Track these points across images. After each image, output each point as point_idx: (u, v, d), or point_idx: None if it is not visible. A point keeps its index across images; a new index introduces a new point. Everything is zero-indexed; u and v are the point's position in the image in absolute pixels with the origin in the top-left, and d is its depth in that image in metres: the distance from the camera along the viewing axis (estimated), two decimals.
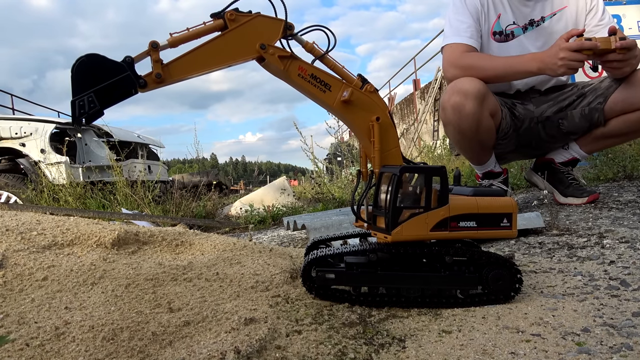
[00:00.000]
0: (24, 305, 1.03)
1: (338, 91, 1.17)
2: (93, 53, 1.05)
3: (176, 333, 0.97)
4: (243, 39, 1.12)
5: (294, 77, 1.15)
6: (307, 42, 1.19)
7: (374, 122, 1.17)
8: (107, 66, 1.04)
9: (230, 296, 1.16)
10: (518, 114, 2.40)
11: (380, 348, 0.94)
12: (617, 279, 1.25)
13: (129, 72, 1.05)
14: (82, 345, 0.89)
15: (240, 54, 1.13)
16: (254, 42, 1.12)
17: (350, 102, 1.17)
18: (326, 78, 1.17)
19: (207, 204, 4.68)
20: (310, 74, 1.16)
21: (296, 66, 1.15)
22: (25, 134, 4.64)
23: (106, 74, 1.04)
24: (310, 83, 1.16)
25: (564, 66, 1.98)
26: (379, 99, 1.20)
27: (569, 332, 0.94)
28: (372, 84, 1.19)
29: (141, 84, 1.07)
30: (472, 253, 1.16)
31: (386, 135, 1.19)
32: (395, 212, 1.12)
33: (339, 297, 1.17)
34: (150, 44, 1.06)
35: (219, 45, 1.11)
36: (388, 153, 1.19)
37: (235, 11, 1.11)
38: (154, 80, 1.07)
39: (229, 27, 1.11)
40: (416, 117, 13.19)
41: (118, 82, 1.04)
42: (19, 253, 1.24)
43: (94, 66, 1.04)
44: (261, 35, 1.13)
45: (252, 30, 1.12)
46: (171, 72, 1.09)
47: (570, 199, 2.53)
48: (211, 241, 1.58)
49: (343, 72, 1.20)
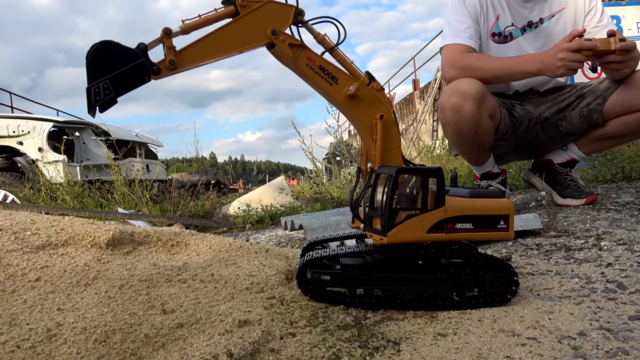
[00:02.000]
0: (16, 306, 1.02)
1: (345, 85, 1.17)
2: (107, 40, 1.04)
3: (169, 335, 0.96)
4: (254, 25, 1.12)
5: (302, 67, 1.15)
6: (318, 32, 1.19)
7: (378, 120, 1.17)
8: (121, 53, 1.04)
9: (225, 298, 1.16)
10: (517, 115, 2.40)
11: (375, 351, 0.93)
12: (614, 282, 1.24)
13: (143, 59, 1.05)
14: (73, 347, 0.88)
15: (252, 40, 1.13)
16: (265, 28, 1.12)
17: (355, 97, 1.17)
18: (334, 71, 1.17)
19: (205, 203, 4.67)
20: (319, 65, 1.16)
21: (305, 56, 1.15)
22: (23, 132, 4.62)
23: (120, 61, 1.03)
24: (318, 74, 1.16)
25: (563, 67, 1.97)
26: (385, 98, 1.20)
27: (565, 336, 0.93)
28: (379, 82, 1.19)
29: (155, 71, 1.06)
30: (468, 255, 1.15)
31: (389, 134, 1.19)
32: (391, 214, 1.11)
33: (334, 299, 1.16)
34: (163, 31, 1.06)
35: (231, 32, 1.11)
36: (389, 152, 1.19)
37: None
38: (167, 67, 1.07)
39: (240, 13, 1.11)
40: (415, 117, 13.18)
41: (132, 68, 1.04)
42: (12, 253, 1.23)
43: (108, 53, 1.03)
44: (272, 21, 1.13)
45: (263, 16, 1.12)
46: (184, 58, 1.09)
47: (568, 200, 2.52)
48: (207, 242, 1.57)
49: (351, 67, 1.20)
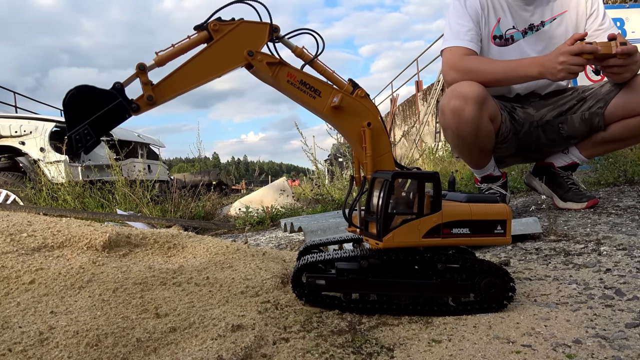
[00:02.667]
0: (9, 309, 1.02)
1: (328, 97, 1.15)
2: (82, 85, 1.04)
3: (161, 339, 0.95)
4: (229, 48, 1.10)
5: (282, 84, 1.13)
6: (296, 46, 1.17)
7: (365, 128, 1.15)
8: (97, 96, 1.03)
9: (219, 301, 1.15)
10: (518, 118, 2.38)
11: (368, 357, 0.92)
12: (612, 288, 1.23)
13: (121, 99, 1.04)
14: (65, 351, 0.88)
15: (229, 64, 1.11)
16: (240, 50, 1.10)
17: (340, 108, 1.15)
18: (316, 84, 1.15)
19: (207, 204, 4.67)
20: (300, 80, 1.14)
21: (285, 72, 1.13)
22: (25, 133, 4.63)
23: (98, 104, 1.03)
24: (300, 89, 1.14)
25: (563, 70, 1.96)
26: (370, 104, 1.18)
27: (560, 344, 0.92)
28: (363, 89, 1.17)
29: (134, 109, 1.06)
30: (464, 260, 1.14)
31: (378, 141, 1.17)
32: (387, 218, 1.10)
33: (329, 304, 1.16)
34: (137, 67, 1.05)
35: (206, 58, 1.09)
36: (380, 158, 1.18)
37: (218, 21, 1.09)
38: (146, 102, 1.06)
39: (214, 37, 1.09)
40: (418, 118, 13.16)
41: (111, 110, 1.04)
42: (7, 255, 1.23)
43: (84, 97, 1.03)
44: (247, 41, 1.11)
45: (237, 38, 1.10)
46: (162, 92, 1.08)
47: (569, 203, 2.51)
48: (204, 244, 1.57)
49: (333, 76, 1.18)
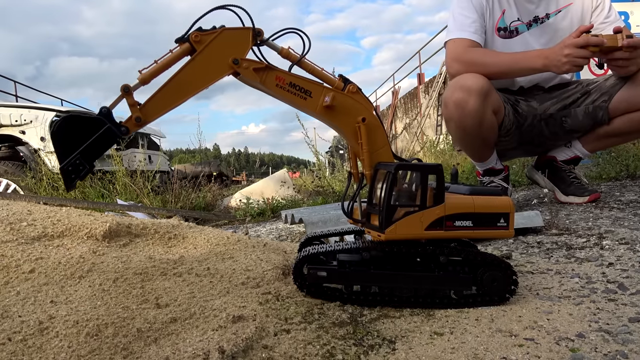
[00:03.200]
0: (8, 298, 1.02)
1: (319, 96, 1.12)
2: (68, 114, 1.02)
3: (162, 330, 0.95)
4: (213, 58, 1.06)
5: (272, 88, 1.10)
6: (282, 47, 1.13)
7: (360, 124, 1.13)
8: (85, 124, 1.02)
9: (220, 292, 1.15)
10: (521, 111, 2.37)
11: (370, 349, 0.92)
12: (615, 282, 1.22)
13: (109, 125, 1.02)
14: (65, 341, 0.88)
15: (214, 75, 1.08)
16: (225, 59, 1.07)
17: (333, 107, 1.12)
18: (305, 84, 1.12)
19: (207, 195, 4.66)
20: (289, 83, 1.10)
21: (273, 76, 1.10)
22: (26, 122, 4.62)
23: (86, 132, 1.01)
24: (290, 92, 1.11)
25: (568, 63, 1.94)
26: (363, 99, 1.15)
27: (563, 338, 0.92)
28: (355, 84, 1.14)
29: (123, 132, 1.04)
30: (467, 253, 1.14)
31: (374, 135, 1.15)
32: (390, 210, 1.09)
33: (331, 296, 1.15)
34: (122, 89, 1.03)
35: (190, 71, 1.06)
36: (377, 153, 1.16)
37: (198, 31, 1.05)
38: (134, 124, 1.05)
39: (197, 49, 1.05)
40: (420, 111, 13.12)
41: (100, 137, 1.02)
42: (7, 244, 1.23)
43: (72, 127, 1.01)
44: (231, 49, 1.07)
45: (220, 47, 1.06)
46: (149, 112, 1.05)
47: (571, 197, 2.50)
48: (205, 235, 1.56)
49: (323, 74, 1.15)
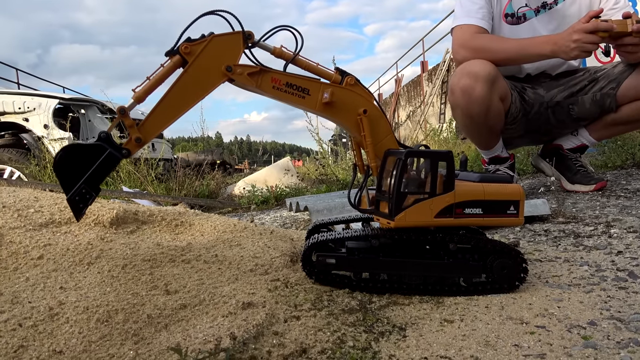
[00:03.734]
0: (18, 284, 1.02)
1: (318, 93, 1.10)
2: (67, 145, 1.02)
3: (172, 316, 0.95)
4: (206, 68, 1.04)
5: (268, 91, 1.08)
6: (274, 47, 1.11)
7: (362, 115, 1.11)
8: (85, 152, 1.01)
9: (229, 279, 1.14)
10: (528, 99, 2.35)
11: (380, 336, 0.92)
12: (625, 270, 1.22)
13: (110, 149, 1.02)
14: (75, 326, 0.88)
15: (209, 85, 1.06)
16: (218, 68, 1.05)
17: (332, 103, 1.11)
18: (302, 83, 1.10)
19: (211, 183, 4.66)
20: (285, 83, 1.08)
21: (269, 79, 1.08)
22: (29, 109, 4.60)
23: (88, 160, 1.00)
24: (287, 92, 1.09)
25: (577, 48, 1.92)
26: (362, 90, 1.14)
27: (575, 325, 0.92)
28: (353, 76, 1.12)
29: (125, 155, 1.04)
30: (476, 241, 1.13)
31: (376, 126, 1.14)
32: (400, 198, 1.09)
33: (340, 283, 1.15)
34: (118, 111, 1.02)
35: (184, 85, 1.04)
36: (381, 143, 1.15)
37: (188, 42, 1.03)
38: (135, 145, 1.04)
39: (188, 60, 1.03)
40: (423, 99, 13.06)
41: (102, 162, 1.01)
42: (15, 230, 1.22)
43: (73, 158, 1.01)
44: (223, 57, 1.05)
45: (212, 56, 1.04)
46: (148, 131, 1.04)
47: (577, 186, 2.49)
48: (211, 222, 1.56)
49: (319, 69, 1.13)
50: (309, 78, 1.11)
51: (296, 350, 0.84)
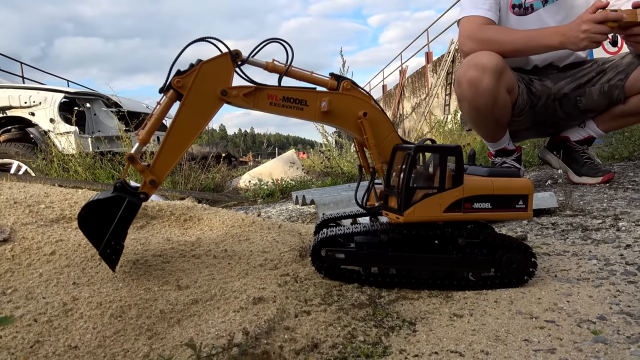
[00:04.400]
0: (32, 280, 1.03)
1: (315, 103, 1.10)
2: (87, 203, 1.04)
3: (184, 311, 0.96)
4: (201, 98, 1.04)
5: (266, 108, 1.08)
6: (267, 62, 1.12)
7: (362, 119, 1.12)
8: (106, 206, 1.03)
9: (239, 274, 1.15)
10: (535, 91, 2.34)
11: (390, 331, 0.92)
12: (634, 264, 1.22)
13: (128, 198, 1.03)
14: (90, 322, 0.89)
15: (207, 113, 1.06)
16: (213, 95, 1.05)
17: (331, 111, 1.11)
18: (299, 95, 1.10)
19: (216, 176, 4.67)
20: (282, 97, 1.09)
21: (265, 96, 1.08)
22: (35, 103, 4.62)
23: (110, 213, 1.02)
24: (285, 107, 1.09)
25: (586, 39, 1.90)
26: (360, 93, 1.14)
27: (585, 320, 0.92)
28: (349, 80, 1.12)
29: (143, 199, 1.06)
30: (485, 235, 1.13)
31: (378, 127, 1.14)
32: (409, 193, 1.09)
33: (349, 277, 1.16)
34: (127, 159, 1.03)
35: (183, 119, 1.04)
36: (384, 144, 1.16)
37: (178, 75, 1.03)
38: (150, 187, 1.05)
39: (183, 94, 1.03)
40: (428, 91, 12.99)
41: (123, 212, 1.03)
42: (27, 226, 1.24)
43: (94, 214, 1.03)
44: (215, 82, 1.04)
45: (204, 84, 1.04)
46: (160, 171, 1.05)
47: (584, 178, 2.48)
48: (219, 216, 1.57)
49: (313, 77, 1.14)
50: (305, 89, 1.12)
51: (307, 345, 0.85)
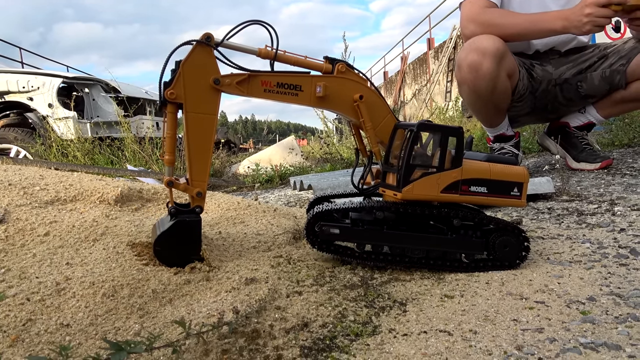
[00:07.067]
0: (25, 260, 1.03)
1: (310, 87, 1.09)
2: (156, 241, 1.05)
3: (176, 291, 0.96)
4: (197, 98, 1.02)
5: (261, 95, 1.07)
6: (259, 49, 1.09)
7: (359, 102, 1.11)
8: (172, 234, 1.04)
9: (232, 255, 1.16)
10: (536, 76, 2.32)
11: (381, 311, 0.93)
12: (627, 247, 1.22)
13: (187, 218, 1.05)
14: (82, 301, 0.89)
15: (212, 107, 1.04)
16: (206, 89, 1.03)
17: (327, 95, 1.10)
18: (293, 80, 1.08)
19: (215, 162, 4.67)
20: (276, 83, 1.07)
21: (258, 82, 1.06)
22: (33, 88, 4.60)
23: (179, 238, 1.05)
24: (280, 93, 1.08)
25: (590, 23, 1.88)
26: (355, 76, 1.13)
27: (574, 301, 0.92)
28: (344, 62, 1.11)
29: (199, 211, 1.07)
30: (480, 218, 1.13)
31: (374, 110, 1.14)
32: (408, 170, 1.09)
33: (342, 253, 1.15)
34: (166, 183, 1.04)
35: (194, 123, 1.03)
36: (380, 127, 1.15)
37: (168, 87, 1.00)
38: (199, 199, 1.06)
39: (180, 101, 1.02)
40: (429, 77, 12.92)
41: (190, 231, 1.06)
42: (21, 208, 1.24)
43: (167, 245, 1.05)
44: (203, 74, 1.02)
45: (194, 81, 1.02)
46: (200, 180, 1.06)
47: (582, 164, 2.47)
48: (215, 200, 1.57)
49: (307, 62, 1.12)
50: (299, 73, 1.10)
51: (298, 324, 0.86)
